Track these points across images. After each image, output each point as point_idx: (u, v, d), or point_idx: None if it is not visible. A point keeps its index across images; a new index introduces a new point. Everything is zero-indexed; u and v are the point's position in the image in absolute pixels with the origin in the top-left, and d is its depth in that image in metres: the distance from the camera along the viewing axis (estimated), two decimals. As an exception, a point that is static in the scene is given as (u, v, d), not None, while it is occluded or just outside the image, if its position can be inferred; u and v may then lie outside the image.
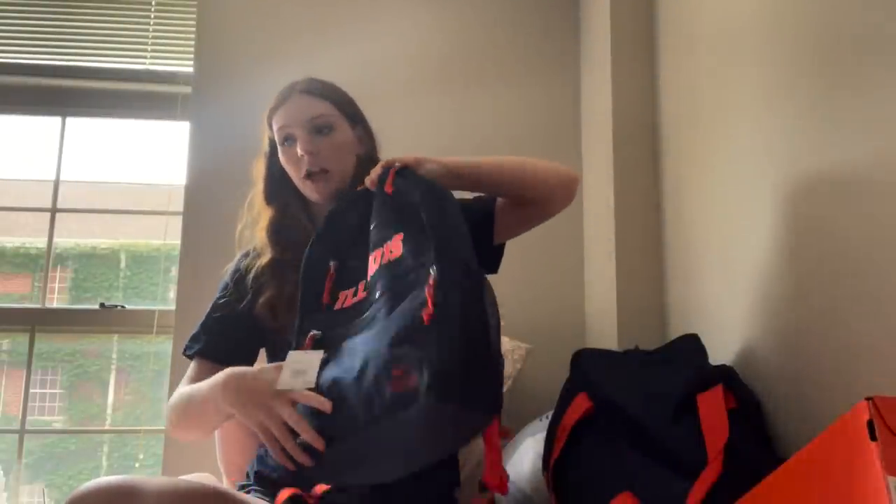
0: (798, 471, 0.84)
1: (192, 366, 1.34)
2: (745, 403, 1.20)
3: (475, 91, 2.17)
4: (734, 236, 1.45)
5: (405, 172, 1.15)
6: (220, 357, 1.31)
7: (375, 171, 1.18)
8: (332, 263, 1.18)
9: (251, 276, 1.34)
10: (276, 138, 1.33)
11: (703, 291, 1.59)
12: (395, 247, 1.06)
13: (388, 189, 1.12)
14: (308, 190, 1.32)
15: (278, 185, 1.37)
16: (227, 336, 1.33)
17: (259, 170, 1.40)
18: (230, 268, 1.43)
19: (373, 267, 1.09)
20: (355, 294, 1.13)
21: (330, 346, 1.07)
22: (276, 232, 1.35)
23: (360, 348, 1.01)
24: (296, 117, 1.30)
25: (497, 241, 1.34)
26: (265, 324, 1.30)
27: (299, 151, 1.29)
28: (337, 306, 1.14)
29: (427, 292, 0.95)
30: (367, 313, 1.06)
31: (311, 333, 1.11)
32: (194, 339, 1.36)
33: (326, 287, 1.16)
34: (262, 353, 1.39)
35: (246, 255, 1.40)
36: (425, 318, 0.93)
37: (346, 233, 1.21)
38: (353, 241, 1.19)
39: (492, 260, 1.34)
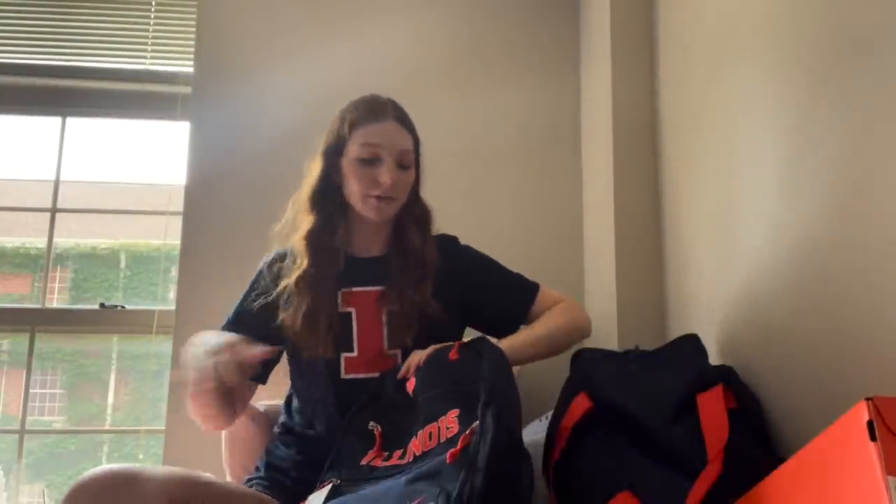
0: (798, 471, 0.84)
1: None
2: (745, 403, 1.20)
3: (475, 91, 2.17)
4: (734, 236, 1.45)
5: (474, 344, 1.17)
6: None
7: (413, 362, 1.21)
8: (372, 425, 1.18)
9: (283, 283, 1.36)
10: (356, 150, 1.33)
11: (702, 291, 1.59)
12: (451, 423, 1.05)
13: (454, 356, 1.15)
14: (368, 208, 1.34)
15: (329, 191, 1.38)
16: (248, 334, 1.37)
17: (314, 169, 1.40)
18: (267, 259, 1.44)
19: (426, 443, 1.07)
20: (388, 459, 1.12)
21: (347, 490, 1.08)
22: (316, 241, 1.36)
23: (379, 489, 1.01)
24: (390, 144, 1.33)
25: None
26: (288, 335, 1.33)
27: (383, 177, 1.31)
28: (364, 461, 1.14)
29: (461, 438, 0.96)
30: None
31: (330, 481, 1.11)
32: (225, 325, 1.41)
33: (376, 450, 1.15)
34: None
35: (283, 255, 1.41)
36: (448, 457, 0.93)
37: (387, 399, 1.23)
38: (393, 407, 1.21)
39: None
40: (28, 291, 2.88)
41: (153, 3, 2.25)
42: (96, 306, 2.13)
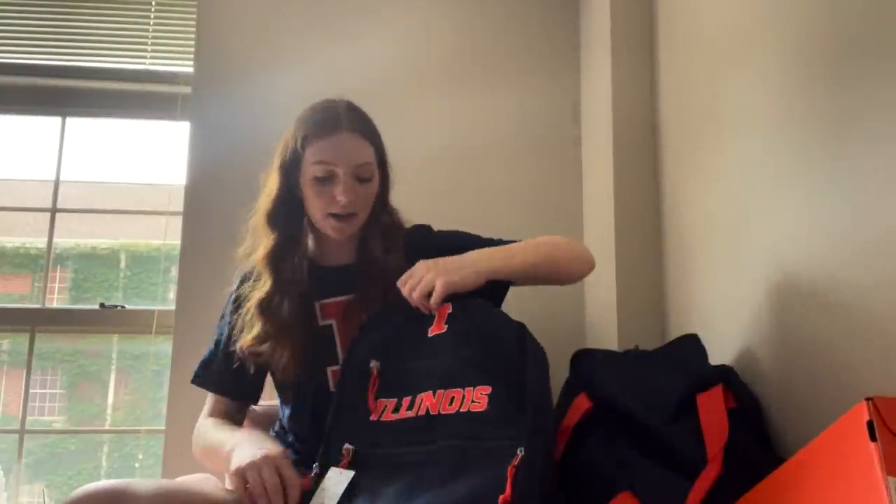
0: (798, 471, 0.84)
1: (209, 396, 1.37)
2: (745, 403, 1.20)
3: (475, 91, 2.17)
4: (734, 236, 1.45)
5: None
6: (229, 391, 1.36)
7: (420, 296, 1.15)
8: (373, 364, 1.13)
9: (244, 307, 1.32)
10: (311, 169, 1.27)
11: (703, 291, 1.59)
12: (480, 399, 1.02)
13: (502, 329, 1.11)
14: (330, 227, 1.30)
15: (287, 208, 1.32)
16: (232, 370, 1.33)
17: (271, 185, 1.33)
18: (232, 291, 1.40)
19: (445, 406, 1.03)
20: (397, 409, 1.07)
21: (368, 468, 1.03)
22: (278, 260, 1.31)
23: None
24: (345, 159, 1.26)
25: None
26: (251, 360, 1.29)
27: (338, 195, 1.25)
28: (374, 416, 1.09)
29: (509, 473, 0.92)
30: (425, 466, 1.00)
31: (347, 449, 1.07)
32: (203, 366, 1.37)
33: (371, 390, 1.11)
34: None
35: (245, 279, 1.37)
36: (500, 502, 0.90)
37: (392, 332, 1.17)
38: (399, 342, 1.15)
39: (498, 297, 1.34)
40: (28, 291, 2.88)
41: (153, 3, 2.25)
42: (96, 306, 2.13)
